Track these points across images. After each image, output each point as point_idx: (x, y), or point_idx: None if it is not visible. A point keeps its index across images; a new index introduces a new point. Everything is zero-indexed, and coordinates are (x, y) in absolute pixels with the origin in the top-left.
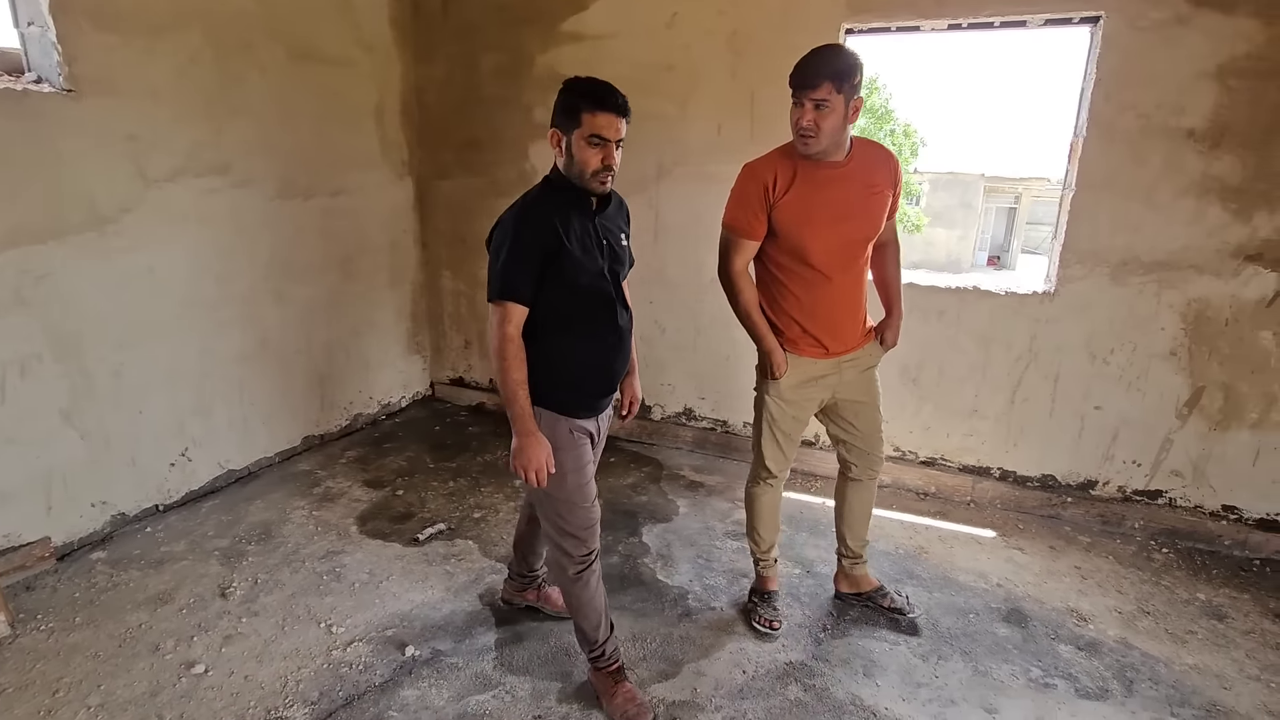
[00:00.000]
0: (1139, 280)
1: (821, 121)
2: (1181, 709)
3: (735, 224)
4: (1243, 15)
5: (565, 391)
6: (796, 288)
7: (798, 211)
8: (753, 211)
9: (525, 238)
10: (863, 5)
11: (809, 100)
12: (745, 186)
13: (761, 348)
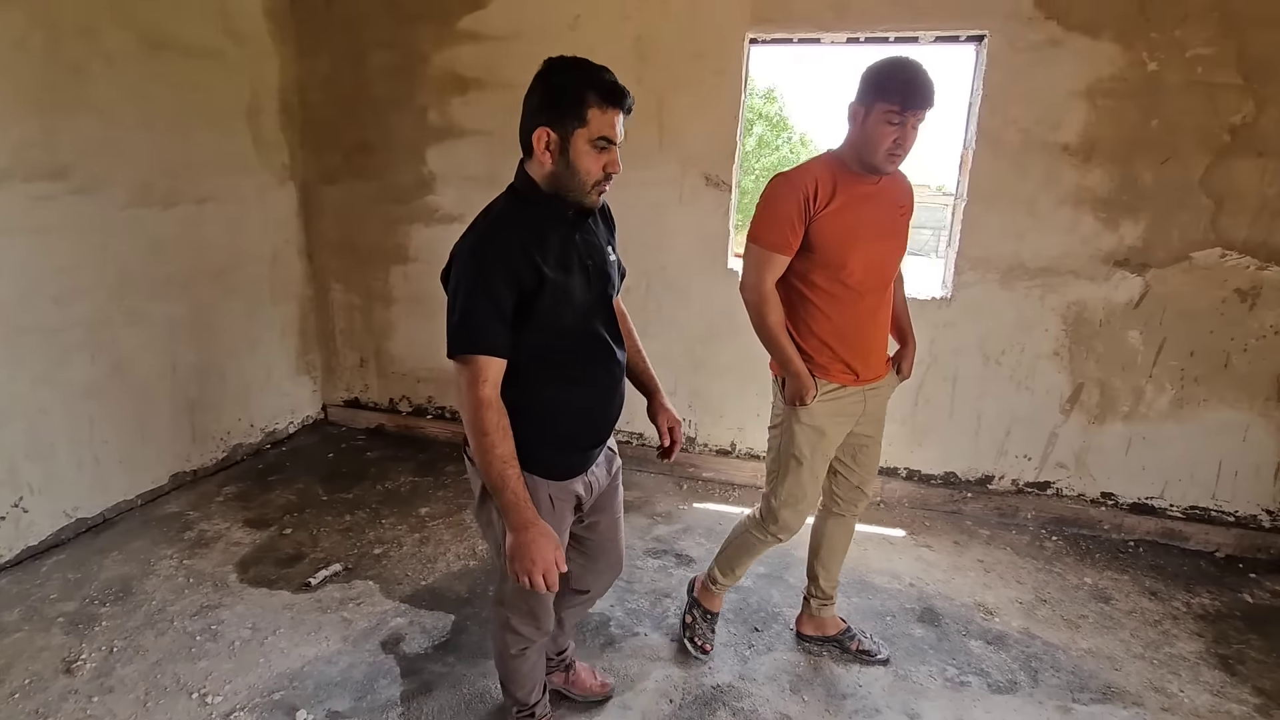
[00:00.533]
0: (1025, 285)
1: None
2: (1081, 694)
3: (770, 238)
4: (1106, 40)
5: (549, 452)
6: (829, 308)
7: (840, 226)
8: (790, 225)
9: (492, 270)
10: (766, 16)
11: (915, 119)
12: (782, 198)
13: (789, 370)
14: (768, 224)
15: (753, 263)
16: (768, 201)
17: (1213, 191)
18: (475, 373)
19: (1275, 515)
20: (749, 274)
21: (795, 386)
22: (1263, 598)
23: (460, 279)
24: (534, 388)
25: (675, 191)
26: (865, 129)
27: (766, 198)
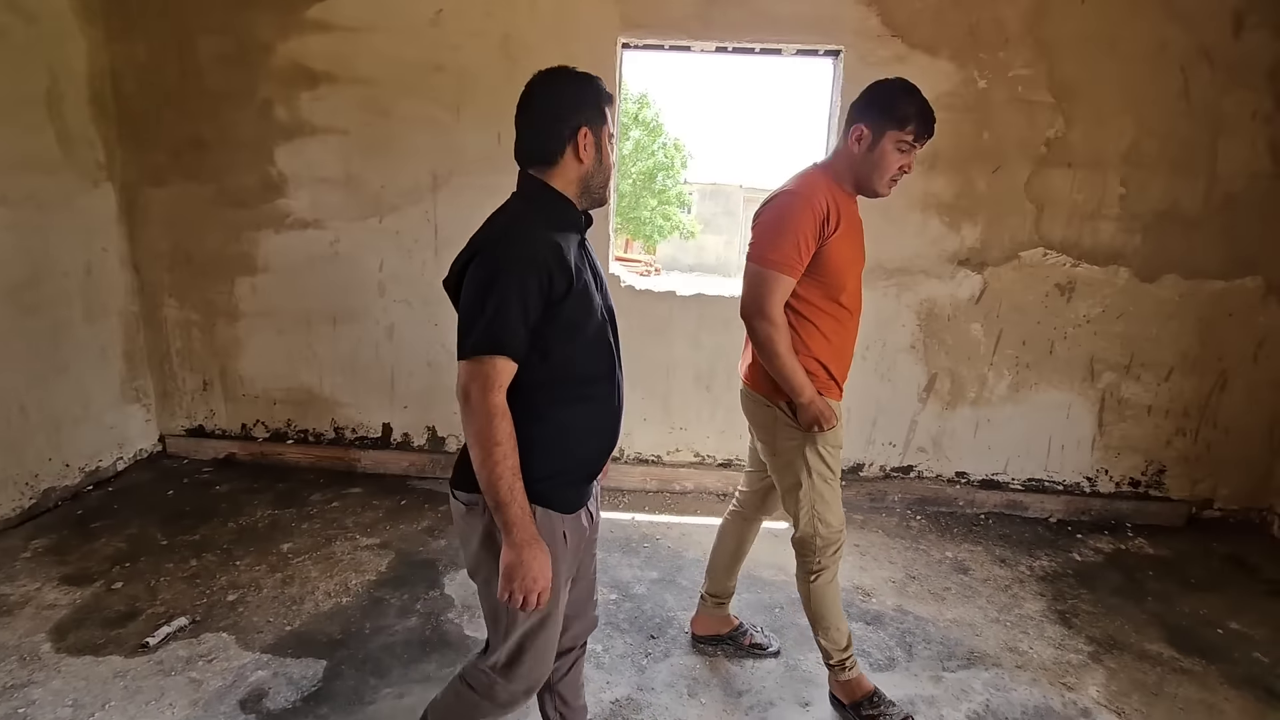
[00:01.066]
0: (884, 284)
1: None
2: (949, 662)
3: (783, 261)
4: (944, 58)
5: (564, 481)
6: (827, 329)
7: (845, 248)
8: (806, 247)
9: (525, 272)
10: (637, 21)
11: (920, 147)
12: (797, 219)
13: (804, 398)
14: (780, 245)
15: (762, 287)
16: (780, 221)
17: (1034, 197)
18: (492, 377)
19: (1094, 481)
20: (759, 299)
21: (814, 413)
22: (1088, 555)
23: (490, 276)
24: (544, 408)
25: None
26: (873, 154)
27: (778, 217)
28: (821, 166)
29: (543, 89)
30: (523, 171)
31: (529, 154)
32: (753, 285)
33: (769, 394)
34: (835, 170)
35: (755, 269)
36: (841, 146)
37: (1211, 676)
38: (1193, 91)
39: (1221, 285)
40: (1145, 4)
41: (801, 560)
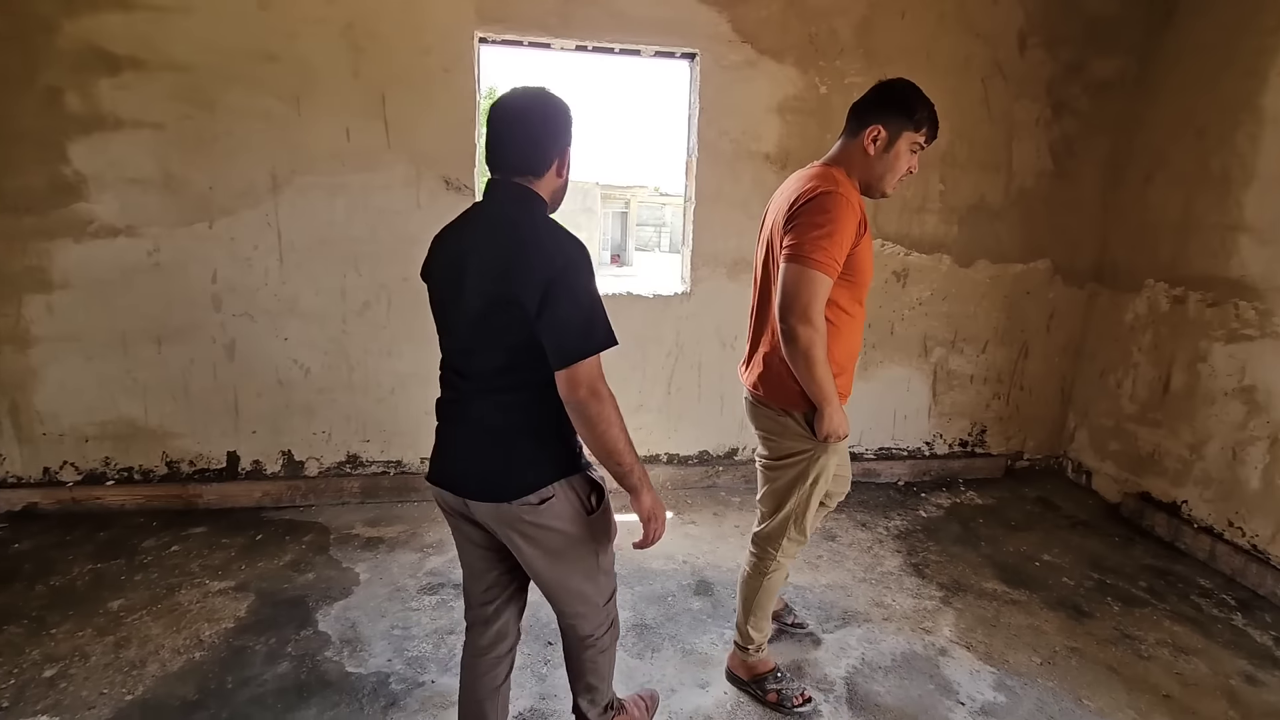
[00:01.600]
0: (748, 276)
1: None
2: (828, 623)
3: (828, 263)
4: (789, 64)
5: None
6: (847, 329)
7: (867, 248)
8: (846, 248)
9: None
10: (493, 16)
11: (925, 149)
12: (844, 218)
13: (831, 406)
14: (828, 247)
15: (808, 290)
16: (828, 223)
17: None
18: (599, 368)
19: (932, 445)
20: (805, 304)
21: (835, 424)
22: (932, 511)
23: (589, 278)
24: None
25: (412, 195)
26: (887, 155)
27: (823, 219)
28: (835, 164)
29: (540, 106)
30: (509, 180)
31: (517, 165)
32: (797, 288)
33: (783, 406)
34: (848, 169)
35: (800, 270)
36: (850, 146)
37: (1034, 603)
38: (991, 100)
39: (1020, 268)
40: (951, 22)
41: (761, 556)
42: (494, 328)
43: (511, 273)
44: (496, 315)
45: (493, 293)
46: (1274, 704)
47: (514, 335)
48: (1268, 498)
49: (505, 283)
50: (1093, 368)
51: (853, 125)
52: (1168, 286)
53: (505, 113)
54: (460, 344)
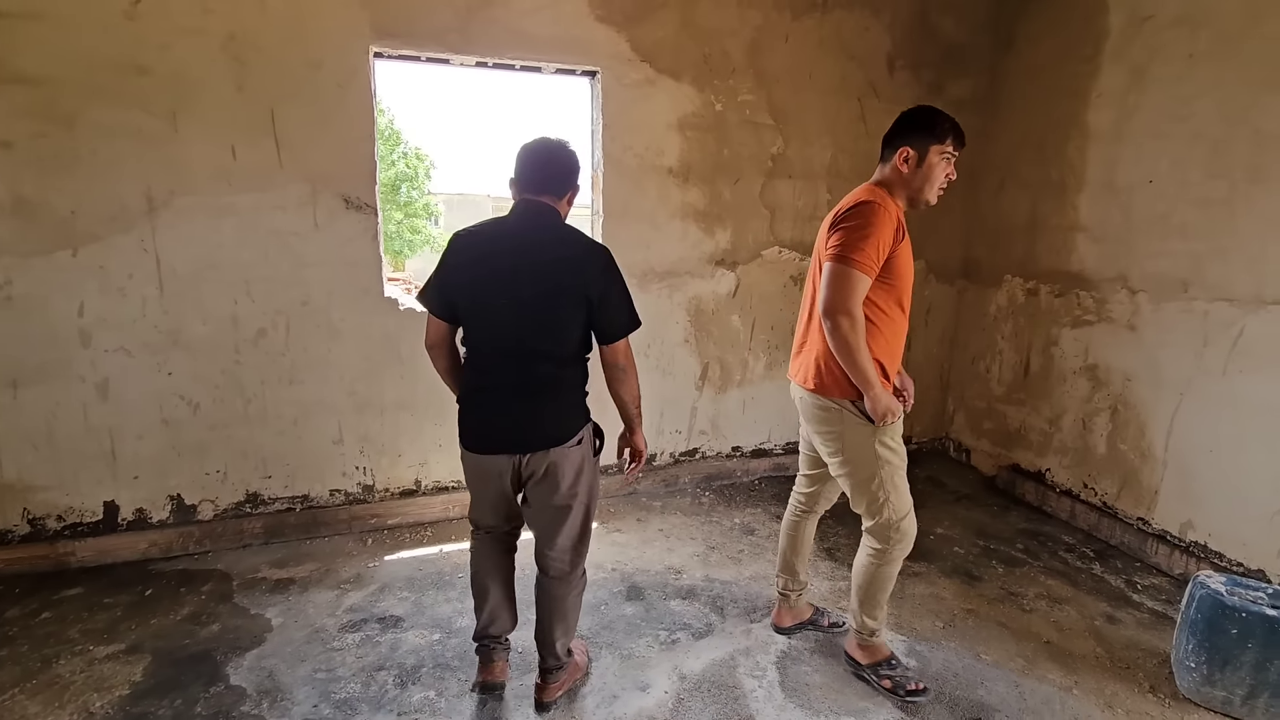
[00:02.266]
0: (657, 286)
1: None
2: (754, 614)
3: (866, 262)
4: (686, 83)
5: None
6: (886, 329)
7: (907, 256)
8: (883, 250)
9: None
10: (389, 31)
11: (957, 156)
12: (881, 225)
13: (874, 390)
14: (865, 248)
15: (847, 285)
16: (866, 226)
17: (768, 204)
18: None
19: None
20: (844, 297)
21: (885, 403)
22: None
23: (620, 276)
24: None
25: (309, 216)
26: (922, 169)
27: (863, 223)
28: (878, 185)
29: (570, 152)
30: (536, 199)
31: (553, 189)
32: (838, 283)
33: (838, 394)
34: (888, 188)
35: (840, 268)
36: (887, 170)
37: (932, 573)
38: (868, 117)
39: None
40: (830, 46)
41: (877, 545)
42: (561, 315)
43: (583, 270)
44: (565, 305)
45: (566, 286)
46: (1130, 637)
47: (575, 319)
48: (1112, 460)
49: (576, 277)
50: (965, 355)
51: (886, 153)
52: (1022, 281)
53: (544, 150)
54: (513, 330)
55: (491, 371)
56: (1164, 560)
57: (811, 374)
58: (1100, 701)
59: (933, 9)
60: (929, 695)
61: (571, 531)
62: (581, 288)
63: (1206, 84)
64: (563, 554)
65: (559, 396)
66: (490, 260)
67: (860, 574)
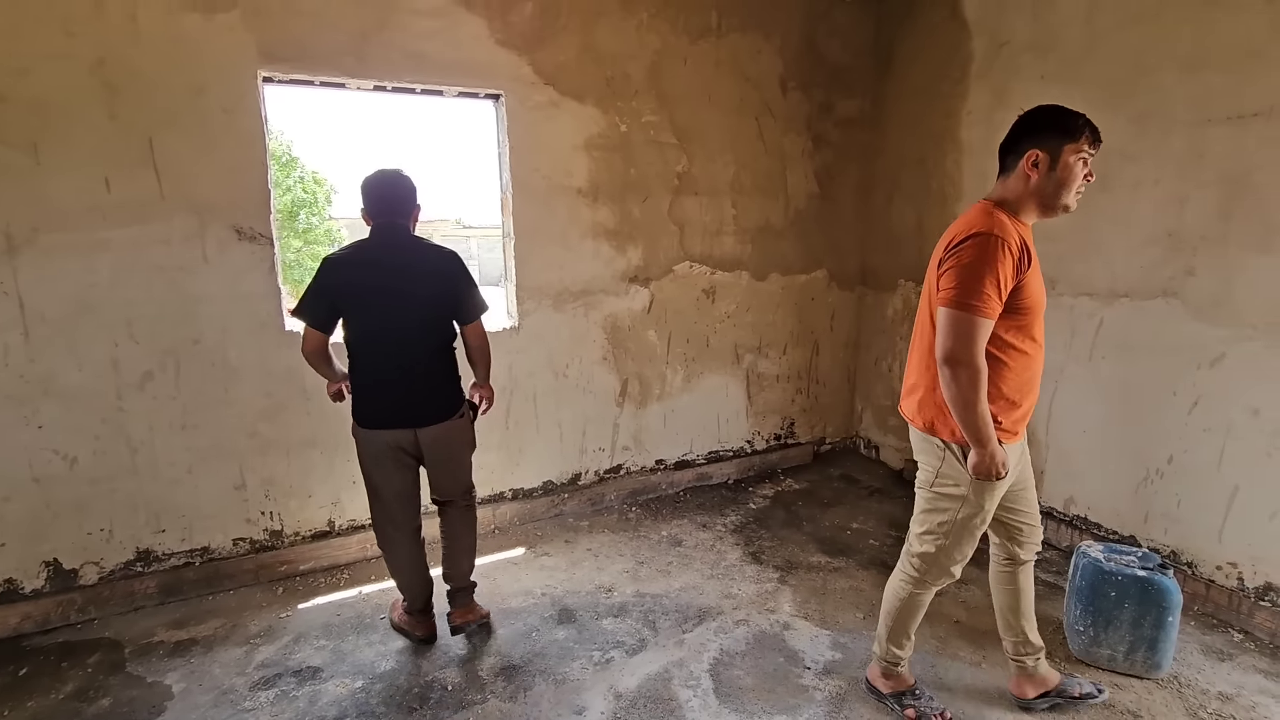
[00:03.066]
0: (572, 306)
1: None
2: (686, 624)
3: (985, 305)
4: (590, 105)
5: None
6: (1019, 365)
7: (1036, 283)
8: (1005, 284)
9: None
10: (278, 55)
11: (1094, 154)
12: (998, 257)
13: (988, 448)
14: (983, 289)
15: (967, 333)
16: (980, 264)
17: (677, 220)
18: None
19: (752, 442)
20: (963, 346)
21: (993, 463)
22: (759, 502)
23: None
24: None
25: (197, 249)
26: (1055, 173)
27: (976, 259)
28: (998, 203)
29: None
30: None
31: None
32: (956, 331)
33: (947, 436)
34: (1009, 204)
35: (956, 315)
36: (1011, 181)
37: (852, 567)
38: (765, 135)
39: (804, 278)
40: (726, 68)
41: (916, 573)
42: (439, 313)
43: (450, 274)
44: (442, 305)
45: (441, 290)
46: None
47: (448, 316)
48: None
49: (448, 282)
50: (868, 357)
51: (1009, 161)
52: (914, 285)
53: (389, 181)
54: (402, 331)
55: (386, 365)
56: (1053, 535)
57: (920, 414)
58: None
59: (819, 34)
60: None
61: (464, 473)
62: (449, 288)
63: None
64: (464, 490)
65: (443, 378)
66: (368, 275)
67: (892, 598)
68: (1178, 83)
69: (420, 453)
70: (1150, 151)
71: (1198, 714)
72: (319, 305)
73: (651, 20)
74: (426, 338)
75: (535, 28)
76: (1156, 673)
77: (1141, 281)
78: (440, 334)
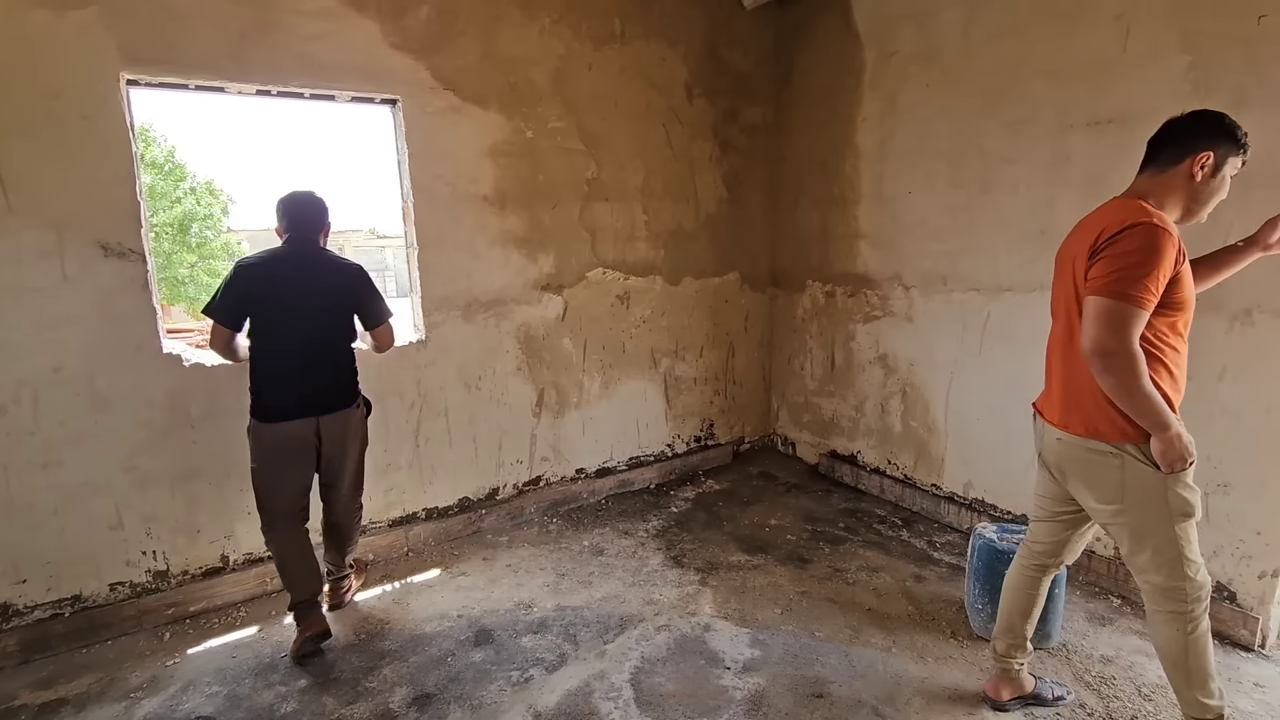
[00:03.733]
0: (483, 316)
1: None
2: (608, 634)
3: (1147, 297)
4: (494, 111)
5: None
6: (1171, 362)
7: (1189, 276)
8: (1164, 278)
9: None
10: (143, 56)
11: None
12: (1163, 251)
13: (1169, 432)
14: (1147, 282)
15: (1124, 324)
16: (1147, 254)
17: (588, 227)
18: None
19: (673, 446)
20: (1116, 336)
21: (1180, 447)
22: (681, 505)
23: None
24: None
25: (55, 267)
26: (1214, 181)
27: (1142, 248)
28: (1141, 197)
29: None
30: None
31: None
32: (1112, 321)
33: (1119, 439)
34: (1159, 199)
35: (1112, 305)
36: (1167, 176)
37: (770, 563)
38: (673, 141)
39: (717, 280)
40: (631, 74)
41: (1173, 613)
42: (340, 319)
43: (352, 286)
44: (344, 311)
45: (343, 299)
46: (934, 592)
47: (349, 321)
48: (906, 436)
49: (349, 293)
50: (782, 356)
51: (1171, 153)
52: (821, 284)
53: (302, 201)
54: (307, 334)
55: (287, 363)
56: (955, 519)
57: (1076, 416)
58: (914, 654)
59: (721, 43)
60: None
61: (353, 473)
62: (351, 297)
63: (940, 109)
64: (350, 498)
65: (343, 372)
66: (276, 281)
67: (1171, 651)
68: (1045, 91)
69: (320, 442)
70: (1025, 155)
71: (1083, 678)
72: (227, 304)
73: (554, 26)
74: (327, 339)
75: (432, 31)
76: (1048, 643)
77: (1021, 276)
78: (340, 337)
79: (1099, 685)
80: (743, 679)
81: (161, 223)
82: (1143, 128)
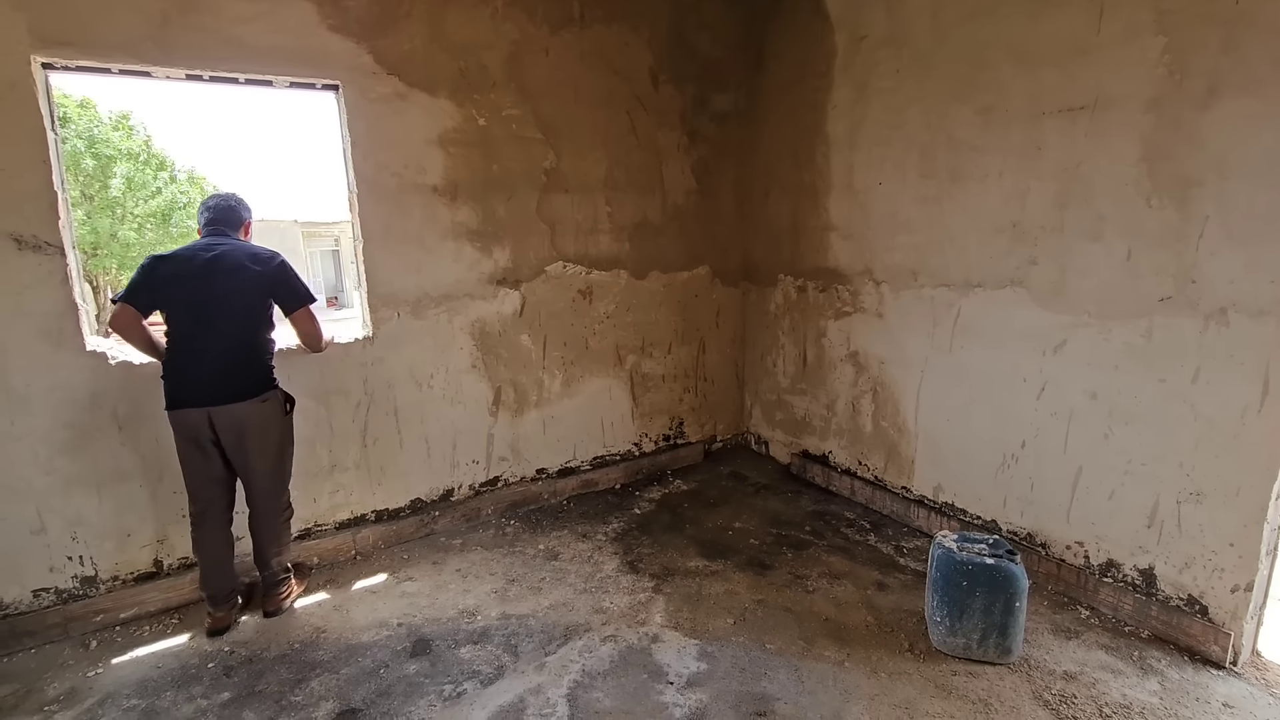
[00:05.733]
0: (434, 312)
1: None
2: (550, 645)
3: None
4: (443, 98)
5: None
6: None
7: None
8: None
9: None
10: (57, 38)
11: None
12: None
13: None
14: None
15: None
16: None
17: (547, 219)
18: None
19: (640, 445)
20: None
21: None
22: (645, 506)
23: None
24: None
25: None
26: None
27: None
28: None
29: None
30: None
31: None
32: None
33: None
34: None
35: None
36: None
37: (729, 570)
38: (638, 129)
39: (686, 275)
40: (592, 60)
41: None
42: (257, 307)
43: (266, 274)
44: (261, 300)
45: (261, 288)
46: (895, 602)
47: (265, 308)
48: (877, 436)
49: (263, 280)
50: (755, 353)
51: None
52: (793, 279)
53: (220, 204)
54: (213, 324)
55: (192, 350)
56: (924, 522)
57: None
58: (867, 669)
59: (688, 27)
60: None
61: (268, 471)
62: (264, 283)
63: (912, 96)
64: (265, 494)
65: (245, 364)
66: (188, 271)
67: None
68: (1015, 76)
69: (215, 433)
70: (995, 144)
71: (1042, 696)
72: (137, 290)
73: (507, 9)
74: (232, 330)
75: (374, 14)
76: (1008, 658)
77: (992, 271)
78: (250, 325)
79: (1058, 705)
80: (684, 695)
81: (144, 214)
82: (1116, 115)
